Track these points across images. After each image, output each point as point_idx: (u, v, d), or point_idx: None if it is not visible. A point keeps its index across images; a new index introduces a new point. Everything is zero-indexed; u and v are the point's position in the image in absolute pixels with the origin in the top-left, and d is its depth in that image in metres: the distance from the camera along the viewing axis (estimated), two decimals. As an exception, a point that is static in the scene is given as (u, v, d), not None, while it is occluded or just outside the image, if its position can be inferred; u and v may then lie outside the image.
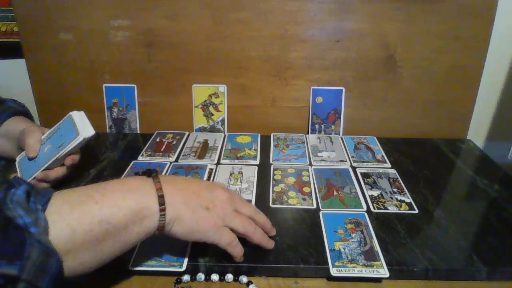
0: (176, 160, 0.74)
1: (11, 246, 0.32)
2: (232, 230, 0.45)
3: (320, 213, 0.58)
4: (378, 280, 0.48)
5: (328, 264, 0.48)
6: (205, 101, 0.87)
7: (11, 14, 0.87)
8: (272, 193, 0.64)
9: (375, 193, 0.64)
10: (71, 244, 0.36)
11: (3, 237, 0.32)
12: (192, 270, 0.48)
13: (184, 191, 0.44)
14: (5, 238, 0.32)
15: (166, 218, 0.41)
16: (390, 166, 0.73)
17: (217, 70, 0.85)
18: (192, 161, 0.74)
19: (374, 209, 0.60)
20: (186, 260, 0.48)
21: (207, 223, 0.43)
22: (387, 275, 0.46)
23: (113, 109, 0.88)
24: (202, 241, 0.44)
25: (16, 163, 0.63)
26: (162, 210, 0.41)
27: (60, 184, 0.64)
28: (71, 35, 0.84)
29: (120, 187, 0.41)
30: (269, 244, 0.49)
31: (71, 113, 0.62)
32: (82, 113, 0.63)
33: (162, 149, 0.78)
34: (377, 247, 0.50)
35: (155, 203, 0.41)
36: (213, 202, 0.44)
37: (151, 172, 0.44)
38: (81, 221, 0.37)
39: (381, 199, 0.62)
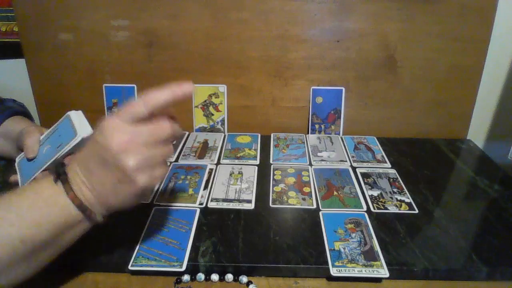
0: (176, 160, 0.74)
1: None
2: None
3: (320, 213, 0.58)
4: (378, 280, 0.48)
5: (328, 264, 0.48)
6: (205, 101, 0.87)
7: (11, 14, 0.87)
8: (272, 193, 0.64)
9: (375, 193, 0.64)
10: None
11: None
12: (192, 270, 0.48)
13: (97, 180, 0.39)
14: None
15: (96, 218, 0.40)
16: (390, 166, 0.73)
17: (217, 70, 0.85)
18: (192, 161, 0.74)
19: (374, 209, 0.60)
20: (186, 260, 0.48)
21: (131, 193, 0.40)
22: (387, 275, 0.46)
23: (113, 109, 0.88)
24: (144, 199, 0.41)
25: (16, 163, 0.63)
26: (88, 215, 0.40)
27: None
28: (71, 35, 0.84)
29: (35, 201, 0.39)
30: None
31: (68, 112, 0.62)
32: (80, 112, 0.63)
33: (162, 149, 0.78)
34: (377, 247, 0.50)
35: (77, 212, 0.39)
36: (121, 169, 0.38)
37: (59, 173, 0.40)
38: (1, 248, 0.36)
39: (381, 199, 0.62)
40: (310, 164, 0.73)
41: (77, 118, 0.61)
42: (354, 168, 0.71)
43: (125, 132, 0.38)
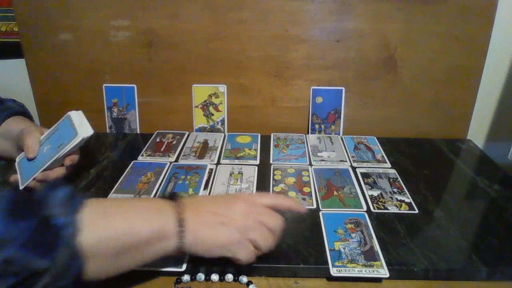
0: (176, 160, 0.74)
1: (44, 243, 0.34)
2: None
3: (320, 213, 0.58)
4: (378, 280, 0.48)
5: (328, 264, 0.48)
6: (205, 101, 0.87)
7: (11, 14, 0.87)
8: (272, 193, 0.64)
9: (375, 193, 0.64)
10: (96, 251, 0.37)
11: (39, 234, 0.35)
12: (192, 270, 0.48)
13: (203, 212, 0.45)
14: (40, 235, 0.35)
15: (184, 240, 0.42)
16: (390, 166, 0.73)
17: (217, 70, 0.85)
18: (192, 161, 0.74)
19: (374, 209, 0.60)
20: (186, 260, 0.48)
21: (222, 239, 0.44)
22: (387, 275, 0.46)
23: (113, 109, 0.88)
24: (221, 256, 0.45)
25: (16, 163, 0.63)
26: (181, 232, 0.42)
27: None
28: (71, 35, 0.84)
29: (148, 206, 0.44)
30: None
31: (69, 113, 0.62)
32: (80, 112, 0.63)
33: (162, 149, 0.78)
34: (377, 247, 0.50)
35: (174, 226, 0.42)
36: (229, 217, 0.45)
37: (175, 196, 0.46)
38: (109, 231, 0.39)
39: (381, 199, 0.62)
40: (310, 164, 0.73)
41: (78, 118, 0.62)
42: (354, 168, 0.71)
43: (253, 204, 0.46)
